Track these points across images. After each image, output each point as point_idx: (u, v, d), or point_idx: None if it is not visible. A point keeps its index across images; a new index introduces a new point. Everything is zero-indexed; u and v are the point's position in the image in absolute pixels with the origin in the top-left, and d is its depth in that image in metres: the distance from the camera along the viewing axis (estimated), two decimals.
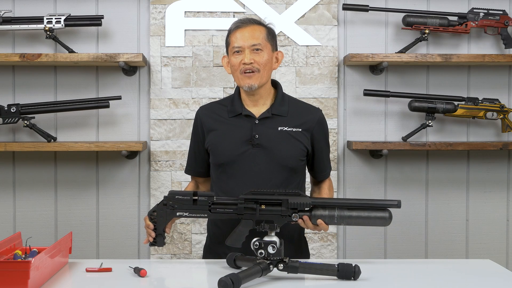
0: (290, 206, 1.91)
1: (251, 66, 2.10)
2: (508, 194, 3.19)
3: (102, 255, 3.07)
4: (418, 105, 3.00)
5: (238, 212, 1.93)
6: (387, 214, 1.92)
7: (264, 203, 1.92)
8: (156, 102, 3.06)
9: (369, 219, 1.91)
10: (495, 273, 1.97)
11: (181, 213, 1.96)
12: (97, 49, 3.08)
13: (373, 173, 3.15)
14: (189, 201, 1.95)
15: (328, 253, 3.08)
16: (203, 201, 1.95)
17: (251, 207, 1.92)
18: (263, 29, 2.15)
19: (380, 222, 1.92)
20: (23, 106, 2.94)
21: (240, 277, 1.67)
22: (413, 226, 3.16)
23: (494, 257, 2.58)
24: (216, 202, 1.95)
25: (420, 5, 3.13)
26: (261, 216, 1.91)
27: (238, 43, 2.12)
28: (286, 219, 1.92)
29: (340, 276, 1.80)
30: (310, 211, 1.93)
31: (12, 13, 3.05)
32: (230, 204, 1.94)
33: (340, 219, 1.92)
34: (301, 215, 1.93)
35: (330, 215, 1.92)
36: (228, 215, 1.95)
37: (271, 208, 1.92)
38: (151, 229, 2.01)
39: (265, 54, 2.13)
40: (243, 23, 2.14)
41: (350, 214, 1.92)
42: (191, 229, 3.06)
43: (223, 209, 1.94)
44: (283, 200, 1.92)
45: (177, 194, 1.96)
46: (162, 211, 1.99)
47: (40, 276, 1.73)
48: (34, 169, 3.09)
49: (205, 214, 1.95)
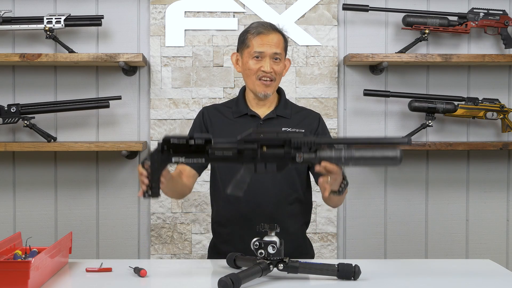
0: (293, 146, 1.77)
1: (270, 75, 2.14)
2: (508, 194, 3.19)
3: (102, 255, 3.07)
4: (418, 105, 3.00)
5: (238, 155, 1.79)
6: (397, 153, 1.75)
7: (265, 144, 1.78)
8: (156, 102, 3.06)
9: (378, 159, 1.75)
10: (495, 273, 1.97)
11: (176, 159, 1.81)
12: (97, 49, 3.08)
13: (373, 173, 3.15)
14: (186, 145, 1.79)
15: (328, 253, 3.08)
16: (200, 144, 1.79)
17: (251, 149, 1.78)
18: (281, 37, 2.18)
19: (390, 162, 1.76)
20: (23, 106, 2.94)
21: (240, 277, 1.67)
22: (413, 226, 3.16)
23: (494, 257, 2.58)
24: (215, 145, 1.80)
25: (420, 5, 3.13)
26: (262, 159, 1.78)
27: (261, 48, 2.14)
28: (290, 161, 1.78)
29: (340, 276, 1.80)
30: (314, 152, 1.78)
31: (12, 13, 3.05)
32: (229, 147, 1.79)
33: (347, 160, 1.76)
34: (305, 157, 1.77)
35: (337, 156, 1.76)
36: (228, 159, 1.80)
37: (273, 151, 1.78)
38: (144, 177, 1.84)
39: (282, 64, 2.18)
40: (265, 29, 2.16)
41: (358, 154, 1.75)
42: (191, 229, 3.06)
43: (221, 153, 1.80)
44: (286, 140, 1.77)
45: (172, 137, 1.80)
46: (156, 157, 1.82)
47: (40, 276, 1.73)
48: (34, 169, 3.09)
49: (202, 158, 1.80)
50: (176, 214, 3.06)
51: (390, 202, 3.16)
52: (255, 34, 2.15)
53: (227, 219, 2.19)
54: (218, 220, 2.24)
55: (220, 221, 2.22)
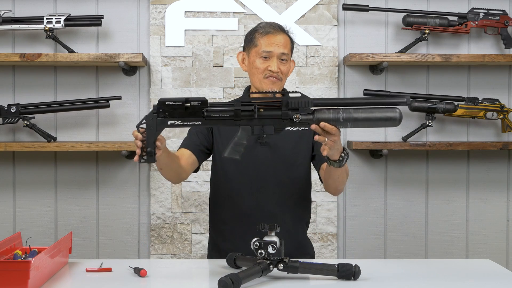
0: (291, 106, 1.78)
1: (277, 75, 2.14)
2: (508, 194, 3.19)
3: (102, 255, 3.07)
4: (418, 105, 3.00)
5: (235, 117, 1.79)
6: (396, 114, 1.77)
7: (262, 106, 1.79)
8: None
9: (377, 120, 1.76)
10: (495, 273, 1.97)
11: (172, 122, 1.79)
12: (97, 49, 3.08)
13: (373, 173, 3.15)
14: (181, 107, 1.77)
15: (328, 253, 3.08)
16: (197, 106, 1.78)
17: (248, 110, 1.78)
18: (288, 38, 2.19)
19: (389, 123, 1.77)
20: (23, 106, 2.94)
21: (240, 277, 1.67)
22: (413, 226, 3.16)
23: (494, 257, 2.58)
24: (211, 107, 1.79)
25: (420, 5, 3.13)
26: (260, 120, 1.79)
27: (269, 48, 2.14)
28: (287, 122, 1.78)
29: (340, 276, 1.80)
30: (312, 113, 1.78)
31: (12, 13, 3.05)
32: (225, 110, 1.79)
33: (345, 121, 1.76)
34: (303, 118, 1.77)
35: (335, 117, 1.76)
36: (224, 121, 1.79)
37: (270, 112, 1.79)
38: (139, 140, 1.82)
39: (288, 65, 2.19)
40: (274, 29, 2.16)
41: (356, 115, 1.76)
42: (191, 229, 3.06)
43: (218, 115, 1.79)
44: (283, 101, 1.78)
45: (167, 100, 1.79)
46: (151, 120, 1.79)
47: (40, 276, 1.73)
48: (34, 169, 3.09)
49: (199, 121, 1.79)
50: (176, 214, 3.06)
51: (390, 202, 3.16)
52: (263, 34, 2.16)
53: (228, 216, 2.19)
54: (219, 217, 2.24)
55: (221, 218, 2.22)
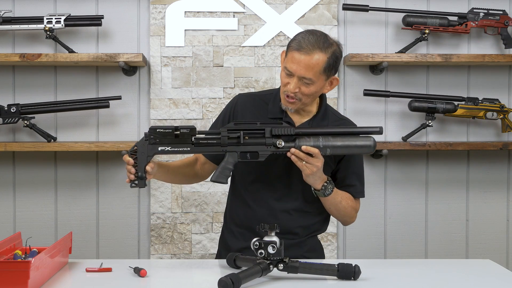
0: (274, 133, 1.94)
1: (293, 95, 2.00)
2: (508, 194, 3.19)
3: (102, 255, 3.07)
4: (418, 105, 3.00)
5: (222, 144, 1.93)
6: (371, 142, 1.96)
7: (247, 133, 1.94)
8: (156, 102, 3.06)
9: (353, 147, 1.95)
10: (495, 273, 1.97)
11: (163, 148, 1.92)
12: (97, 49, 3.08)
13: (373, 173, 3.15)
14: (171, 134, 1.91)
15: (328, 253, 3.08)
16: (186, 133, 1.92)
17: (235, 137, 1.94)
18: (323, 59, 1.96)
19: (365, 150, 1.96)
20: (23, 106, 2.94)
21: (240, 277, 1.67)
22: (413, 226, 3.16)
23: (494, 257, 2.58)
24: (199, 134, 1.94)
25: (420, 5, 3.13)
26: (245, 147, 1.94)
27: (291, 67, 1.97)
28: (271, 148, 1.94)
29: (340, 276, 1.80)
30: (293, 141, 1.95)
31: (12, 13, 3.05)
32: (213, 137, 1.94)
33: (325, 147, 1.94)
34: (286, 145, 1.94)
35: (315, 144, 1.94)
36: (212, 148, 1.94)
37: (255, 140, 1.95)
38: (131, 165, 1.92)
39: (314, 87, 2.00)
40: (306, 46, 1.95)
41: (334, 143, 1.94)
42: (191, 229, 3.06)
43: (206, 141, 1.94)
44: (266, 129, 1.94)
45: (158, 128, 1.92)
46: (143, 146, 1.92)
47: (40, 276, 1.73)
48: (34, 169, 3.09)
49: (188, 147, 1.93)
50: (176, 214, 3.07)
51: (390, 202, 3.16)
52: (294, 48, 1.97)
53: (242, 219, 2.15)
54: (233, 217, 2.20)
55: (235, 220, 2.18)
